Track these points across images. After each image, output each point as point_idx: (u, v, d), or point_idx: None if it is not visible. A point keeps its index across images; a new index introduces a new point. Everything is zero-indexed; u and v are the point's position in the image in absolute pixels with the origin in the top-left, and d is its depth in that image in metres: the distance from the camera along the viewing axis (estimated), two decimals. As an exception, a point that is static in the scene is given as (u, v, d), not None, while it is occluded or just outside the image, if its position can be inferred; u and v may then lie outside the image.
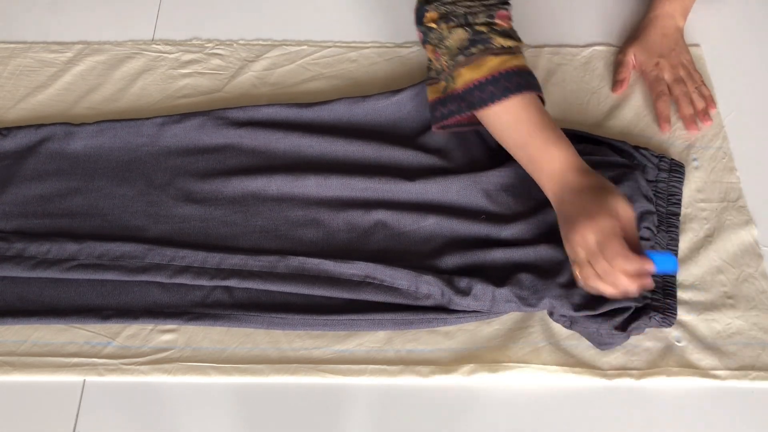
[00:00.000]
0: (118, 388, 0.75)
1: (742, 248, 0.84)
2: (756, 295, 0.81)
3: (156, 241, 0.80)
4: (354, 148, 0.87)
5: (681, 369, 0.76)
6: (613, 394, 0.75)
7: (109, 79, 0.96)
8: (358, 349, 0.77)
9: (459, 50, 0.78)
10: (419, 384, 0.75)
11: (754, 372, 0.76)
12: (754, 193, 0.88)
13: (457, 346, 0.77)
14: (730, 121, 0.94)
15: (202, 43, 1.00)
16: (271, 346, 0.77)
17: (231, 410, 0.74)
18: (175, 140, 0.89)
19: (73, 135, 0.88)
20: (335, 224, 0.83)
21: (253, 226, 0.83)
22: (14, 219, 0.83)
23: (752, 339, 0.78)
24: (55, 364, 0.75)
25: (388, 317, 0.77)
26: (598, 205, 0.71)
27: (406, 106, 0.91)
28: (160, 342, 0.77)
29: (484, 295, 0.76)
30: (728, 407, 0.75)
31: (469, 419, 0.74)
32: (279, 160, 0.87)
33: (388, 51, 1.00)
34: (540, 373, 0.75)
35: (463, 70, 0.77)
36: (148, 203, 0.85)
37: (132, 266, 0.78)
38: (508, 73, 0.76)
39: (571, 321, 0.76)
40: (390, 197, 0.84)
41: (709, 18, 1.05)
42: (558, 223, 0.74)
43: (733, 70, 0.99)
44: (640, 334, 0.77)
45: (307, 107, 0.90)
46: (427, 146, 0.88)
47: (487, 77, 0.76)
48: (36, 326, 0.77)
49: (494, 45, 0.77)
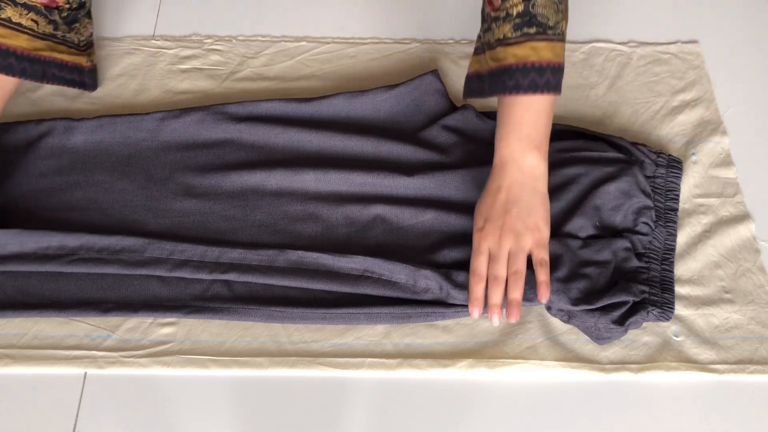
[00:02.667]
0: (118, 381, 0.75)
1: (739, 243, 0.84)
2: (754, 289, 0.81)
3: (155, 235, 0.81)
4: (353, 142, 0.87)
5: (679, 363, 0.76)
6: (611, 389, 0.75)
7: (109, 75, 0.96)
8: (357, 342, 0.77)
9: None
10: (417, 377, 0.76)
11: (752, 366, 0.76)
12: (751, 189, 0.88)
13: (456, 340, 0.77)
14: (729, 116, 0.94)
15: (201, 39, 1.00)
16: (270, 339, 0.77)
17: (230, 403, 0.74)
18: (174, 135, 0.89)
19: (73, 130, 0.89)
20: (334, 219, 0.83)
21: (252, 221, 0.83)
22: (13, 213, 0.83)
23: (750, 333, 0.78)
24: (56, 356, 0.75)
25: (386, 311, 0.77)
26: (540, 203, 0.73)
27: (404, 99, 0.91)
28: (160, 335, 0.77)
29: None
30: (726, 401, 0.75)
31: (468, 413, 0.74)
32: (278, 154, 0.87)
33: (386, 47, 1.00)
34: (538, 368, 0.75)
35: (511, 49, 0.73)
36: (147, 198, 0.85)
37: (132, 260, 0.78)
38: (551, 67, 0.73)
39: (569, 315, 0.76)
40: (388, 192, 0.84)
41: (706, 13, 1.05)
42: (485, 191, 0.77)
43: (731, 65, 0.99)
44: (638, 329, 0.77)
45: (306, 102, 0.90)
46: (426, 140, 0.88)
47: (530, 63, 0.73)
48: (36, 319, 0.77)
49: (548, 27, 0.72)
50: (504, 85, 0.74)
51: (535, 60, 0.72)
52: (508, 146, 0.76)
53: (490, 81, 0.76)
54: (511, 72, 0.73)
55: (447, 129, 0.89)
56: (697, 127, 0.93)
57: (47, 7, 0.78)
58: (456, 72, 0.97)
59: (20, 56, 0.78)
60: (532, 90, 0.73)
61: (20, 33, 0.77)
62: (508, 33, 0.73)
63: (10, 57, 0.77)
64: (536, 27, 0.72)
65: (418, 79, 0.91)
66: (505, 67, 0.74)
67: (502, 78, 0.74)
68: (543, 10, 0.72)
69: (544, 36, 0.73)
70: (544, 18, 0.73)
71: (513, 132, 0.76)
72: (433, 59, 0.98)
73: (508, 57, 0.73)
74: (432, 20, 1.03)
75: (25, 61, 0.79)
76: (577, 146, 0.87)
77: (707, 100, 0.95)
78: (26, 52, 0.79)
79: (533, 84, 0.73)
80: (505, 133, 0.76)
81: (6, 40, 0.77)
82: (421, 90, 0.91)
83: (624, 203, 0.80)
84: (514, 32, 0.73)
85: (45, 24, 0.79)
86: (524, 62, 0.73)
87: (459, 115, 0.89)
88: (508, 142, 0.76)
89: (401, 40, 1.01)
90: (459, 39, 1.01)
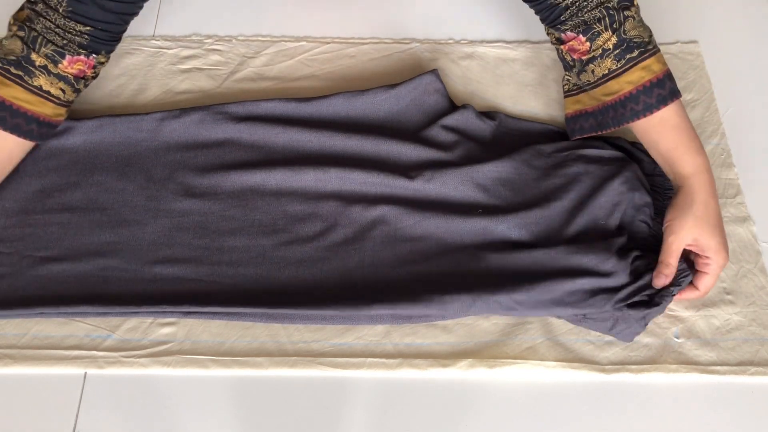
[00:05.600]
0: (118, 381, 0.75)
1: (740, 244, 0.84)
2: (755, 291, 0.81)
3: (137, 297, 0.78)
4: (353, 142, 0.87)
5: (679, 365, 0.76)
6: (611, 390, 0.75)
7: (109, 75, 0.96)
8: (357, 342, 0.77)
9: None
10: (417, 377, 0.76)
11: (752, 367, 0.76)
12: (752, 189, 0.88)
13: (456, 339, 0.77)
14: (728, 117, 0.94)
15: (201, 39, 1.00)
16: (270, 339, 0.77)
17: (230, 403, 0.74)
18: (174, 135, 0.89)
19: (72, 130, 0.88)
20: (333, 219, 0.83)
21: (251, 220, 0.83)
22: (14, 215, 0.83)
23: (751, 335, 0.78)
24: (56, 356, 0.75)
25: (387, 311, 0.77)
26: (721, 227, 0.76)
27: (404, 99, 0.91)
28: (160, 335, 0.77)
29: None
30: (727, 403, 0.75)
31: (468, 413, 0.74)
32: (278, 154, 0.87)
33: (386, 47, 1.00)
34: (538, 368, 0.75)
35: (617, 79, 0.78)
36: (147, 198, 0.85)
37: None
38: (660, 82, 0.77)
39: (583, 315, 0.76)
40: (389, 193, 0.84)
41: (706, 13, 1.05)
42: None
43: (730, 65, 0.99)
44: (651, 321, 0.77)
45: (306, 102, 0.90)
46: (426, 139, 0.88)
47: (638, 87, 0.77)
48: (36, 319, 0.77)
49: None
50: (634, 111, 0.77)
51: (652, 77, 0.76)
52: (686, 164, 0.77)
53: (613, 114, 0.79)
54: (634, 97, 0.77)
55: (447, 128, 0.89)
56: (696, 128, 0.92)
57: (77, 77, 0.80)
58: (456, 72, 0.97)
59: (42, 122, 0.80)
60: (663, 104, 0.77)
61: (47, 101, 0.79)
62: (612, 66, 0.77)
63: (32, 123, 0.79)
64: (637, 50, 0.76)
65: (417, 78, 0.91)
66: (626, 95, 0.77)
67: (628, 106, 0.77)
68: (634, 32, 0.76)
69: (648, 53, 0.77)
70: (639, 38, 0.77)
71: (677, 148, 0.78)
72: (433, 59, 0.98)
73: (623, 87, 0.77)
74: (432, 20, 1.03)
75: (45, 127, 0.81)
76: (577, 145, 0.87)
77: (707, 101, 0.95)
78: (48, 118, 0.80)
79: (661, 98, 0.76)
80: (676, 156, 0.78)
81: (32, 107, 0.78)
82: (421, 89, 0.91)
83: (624, 200, 0.81)
84: (618, 63, 0.76)
85: (71, 92, 0.81)
86: (643, 84, 0.76)
87: (459, 114, 0.89)
88: (684, 161, 0.77)
89: (401, 40, 1.01)
90: (459, 39, 1.01)
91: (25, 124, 0.78)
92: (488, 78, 0.97)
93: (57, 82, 0.79)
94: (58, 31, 0.77)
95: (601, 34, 0.77)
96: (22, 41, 0.76)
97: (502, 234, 0.81)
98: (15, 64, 0.77)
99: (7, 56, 0.77)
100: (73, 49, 0.78)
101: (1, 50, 0.77)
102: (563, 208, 0.81)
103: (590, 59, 0.78)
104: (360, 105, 0.91)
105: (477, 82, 0.97)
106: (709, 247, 0.75)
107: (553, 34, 0.82)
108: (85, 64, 0.80)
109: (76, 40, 0.78)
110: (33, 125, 0.79)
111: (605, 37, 0.76)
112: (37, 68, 0.77)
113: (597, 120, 0.82)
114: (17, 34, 0.77)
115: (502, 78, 0.97)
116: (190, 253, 0.81)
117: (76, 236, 0.82)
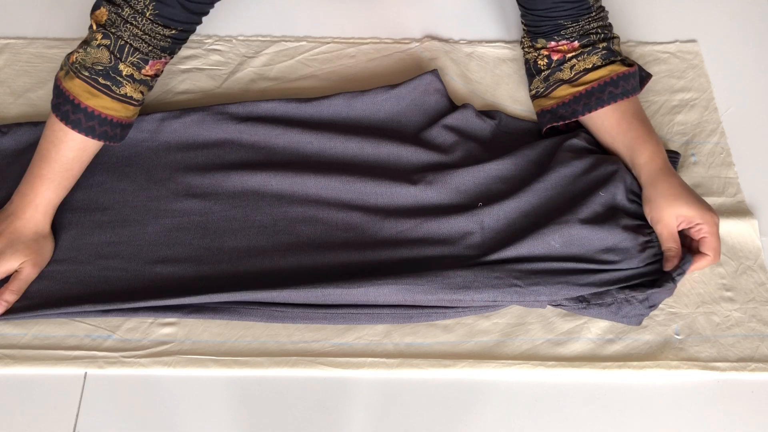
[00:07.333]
0: (118, 381, 0.75)
1: (740, 241, 0.84)
2: (754, 287, 0.81)
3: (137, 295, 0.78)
4: (353, 144, 0.87)
5: (680, 362, 0.76)
6: (611, 389, 0.75)
7: (109, 76, 0.96)
8: (357, 342, 0.77)
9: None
10: (417, 377, 0.76)
11: (753, 364, 0.76)
12: (752, 188, 0.88)
13: (456, 339, 0.77)
14: (728, 116, 0.94)
15: (201, 39, 1.00)
16: (271, 339, 0.77)
17: (230, 402, 0.74)
18: (175, 135, 0.89)
19: (73, 130, 0.89)
20: (333, 222, 0.83)
21: (252, 221, 0.83)
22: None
23: (751, 331, 0.78)
24: (56, 356, 0.75)
25: (387, 311, 0.77)
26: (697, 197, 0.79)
27: (404, 99, 0.91)
28: (160, 335, 0.77)
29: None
30: (727, 399, 0.75)
31: (468, 413, 0.74)
32: (278, 155, 0.87)
33: (386, 47, 1.00)
34: (538, 368, 0.75)
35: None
36: (148, 198, 0.85)
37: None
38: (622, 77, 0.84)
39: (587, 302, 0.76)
40: (389, 199, 0.84)
41: (705, 13, 1.05)
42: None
43: (730, 65, 0.99)
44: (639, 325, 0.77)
45: (307, 102, 0.90)
46: (426, 141, 0.88)
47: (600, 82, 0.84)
48: (37, 319, 0.77)
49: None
50: (612, 95, 0.84)
51: (626, 70, 0.85)
52: (645, 150, 0.82)
53: (585, 101, 0.85)
54: (614, 82, 0.84)
55: (447, 128, 0.89)
56: (696, 127, 0.93)
57: (153, 77, 0.82)
58: (456, 72, 0.97)
59: (124, 125, 0.82)
60: (637, 91, 0.85)
61: (130, 105, 0.81)
62: (597, 62, 0.85)
63: (117, 127, 0.81)
64: (618, 56, 0.86)
65: (418, 78, 0.91)
66: (606, 80, 0.84)
67: (606, 90, 0.84)
68: (618, 49, 0.87)
69: (627, 61, 0.86)
70: (621, 53, 0.87)
71: (641, 136, 0.83)
72: (433, 59, 0.98)
73: (604, 75, 0.84)
74: (432, 20, 1.03)
75: (127, 129, 0.83)
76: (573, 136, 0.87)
77: (706, 100, 0.95)
78: (129, 120, 0.83)
79: (635, 85, 0.85)
80: (639, 144, 0.83)
81: (117, 113, 0.80)
82: (421, 90, 0.91)
83: (618, 177, 0.81)
84: (602, 61, 0.85)
85: (147, 92, 0.83)
86: (622, 72, 0.84)
87: (459, 114, 0.90)
88: (644, 148, 0.82)
89: (401, 40, 1.01)
90: (459, 39, 1.01)
91: (111, 129, 0.80)
92: (488, 78, 0.97)
93: (139, 86, 0.80)
94: (144, 38, 0.78)
95: (594, 42, 0.85)
96: (109, 50, 0.78)
97: (504, 219, 0.82)
98: (103, 74, 0.78)
99: (95, 66, 0.78)
100: (156, 54, 0.80)
101: (87, 57, 0.78)
102: (565, 199, 0.82)
103: (575, 56, 0.85)
104: (360, 105, 0.91)
105: (477, 82, 0.97)
106: (693, 215, 0.78)
107: (535, 42, 0.87)
108: (162, 64, 0.82)
109: (159, 44, 0.80)
110: (117, 129, 0.81)
111: (596, 42, 0.85)
112: (124, 78, 0.79)
113: (565, 110, 0.87)
114: (102, 43, 0.77)
115: (501, 78, 0.97)
116: (190, 253, 0.81)
117: (77, 236, 0.82)
